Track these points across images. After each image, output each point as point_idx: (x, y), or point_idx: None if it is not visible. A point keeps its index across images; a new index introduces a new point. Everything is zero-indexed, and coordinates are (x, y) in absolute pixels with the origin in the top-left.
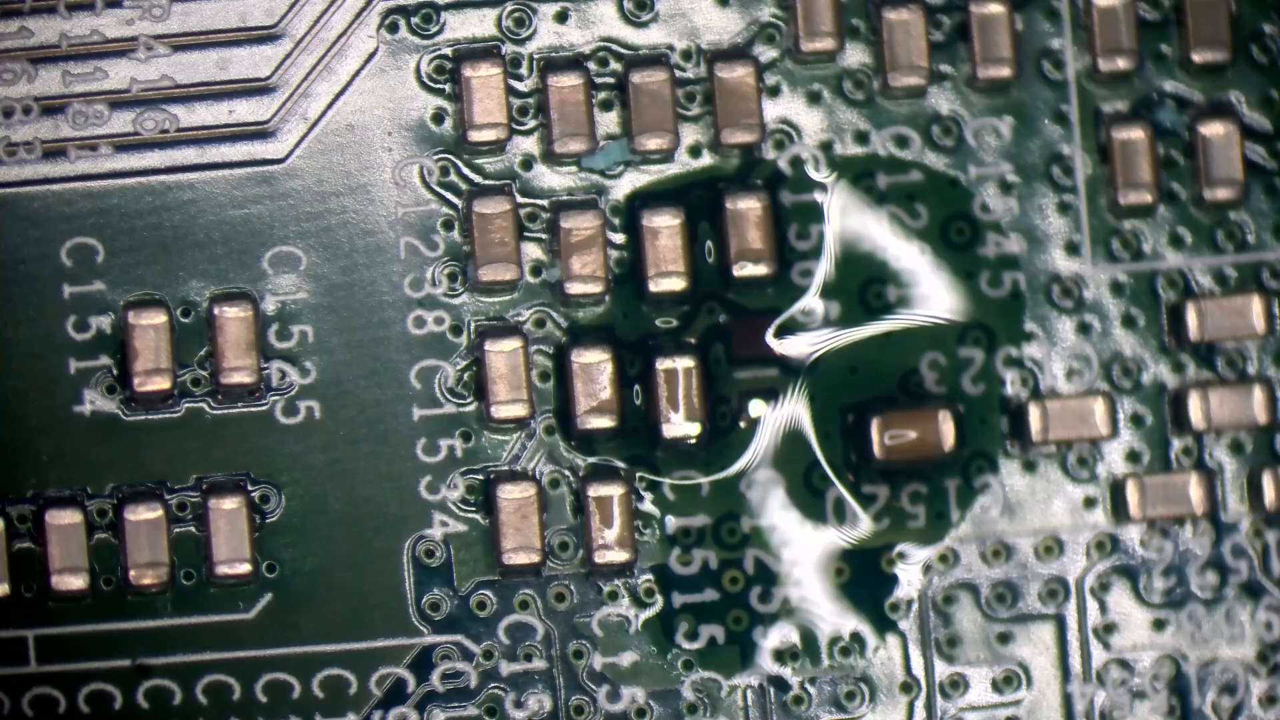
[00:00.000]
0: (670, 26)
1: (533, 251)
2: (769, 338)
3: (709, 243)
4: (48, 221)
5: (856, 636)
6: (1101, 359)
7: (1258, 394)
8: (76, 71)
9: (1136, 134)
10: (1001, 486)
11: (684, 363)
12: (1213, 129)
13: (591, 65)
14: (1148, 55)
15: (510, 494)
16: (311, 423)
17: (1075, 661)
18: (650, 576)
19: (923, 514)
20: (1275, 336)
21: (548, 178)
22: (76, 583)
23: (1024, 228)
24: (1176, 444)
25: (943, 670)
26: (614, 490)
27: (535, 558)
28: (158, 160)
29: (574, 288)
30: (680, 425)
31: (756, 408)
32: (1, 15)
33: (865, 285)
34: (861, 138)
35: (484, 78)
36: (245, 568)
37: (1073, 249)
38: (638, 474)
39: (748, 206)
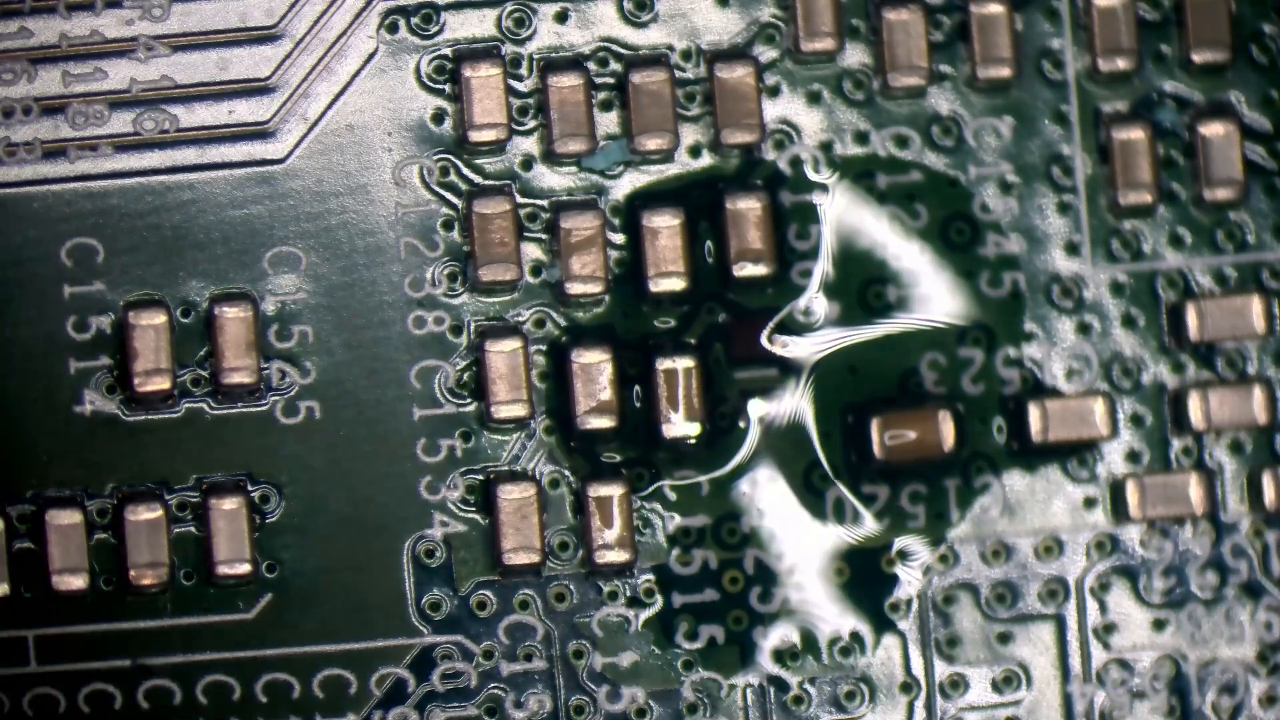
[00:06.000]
0: (670, 26)
1: (533, 251)
2: (768, 338)
3: (709, 243)
4: (48, 221)
5: (856, 636)
6: (1101, 359)
7: (1258, 394)
8: (76, 71)
9: (1136, 134)
10: (1001, 486)
11: (684, 363)
12: (1213, 129)
13: (591, 65)
14: (1148, 55)
15: (510, 494)
16: (311, 423)
17: (1075, 661)
18: (650, 576)
19: (923, 514)
20: (1275, 336)
21: (548, 178)
22: (76, 583)
23: (1024, 228)
24: (1176, 444)
25: (943, 670)
26: (614, 490)
27: (535, 558)
28: (158, 160)
29: (574, 288)
30: (680, 425)
31: (756, 408)
32: (1, 15)
33: (865, 285)
34: (861, 138)
35: (484, 78)
36: (245, 568)
37: (1073, 249)
38: (637, 474)
39: (747, 206)
